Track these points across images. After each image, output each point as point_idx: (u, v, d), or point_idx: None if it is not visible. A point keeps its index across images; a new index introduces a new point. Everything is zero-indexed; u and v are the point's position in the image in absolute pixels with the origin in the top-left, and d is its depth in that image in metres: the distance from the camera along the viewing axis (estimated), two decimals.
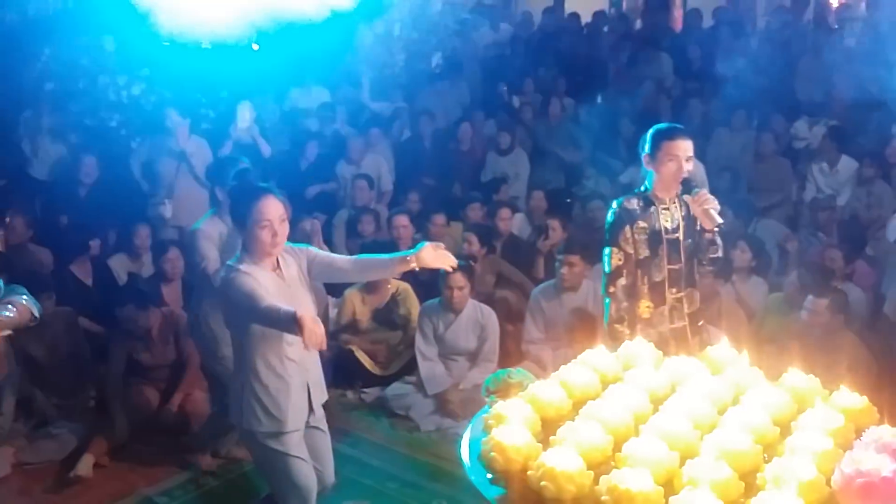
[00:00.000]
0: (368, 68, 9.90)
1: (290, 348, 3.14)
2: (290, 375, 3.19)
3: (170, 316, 5.00)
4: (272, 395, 3.15)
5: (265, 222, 3.06)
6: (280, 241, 3.11)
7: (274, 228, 3.07)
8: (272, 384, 3.15)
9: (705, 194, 3.64)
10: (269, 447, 3.20)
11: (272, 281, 3.10)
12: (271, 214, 3.07)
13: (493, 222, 6.53)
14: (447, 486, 4.23)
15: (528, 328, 5.41)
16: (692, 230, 3.71)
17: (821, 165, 7.04)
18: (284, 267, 3.19)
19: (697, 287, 3.80)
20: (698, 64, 9.20)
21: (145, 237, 5.95)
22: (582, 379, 2.82)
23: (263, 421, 3.16)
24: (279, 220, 3.10)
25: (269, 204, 3.09)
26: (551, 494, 2.19)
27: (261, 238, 3.07)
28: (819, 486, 2.16)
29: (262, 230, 3.06)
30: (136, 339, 4.87)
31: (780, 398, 2.62)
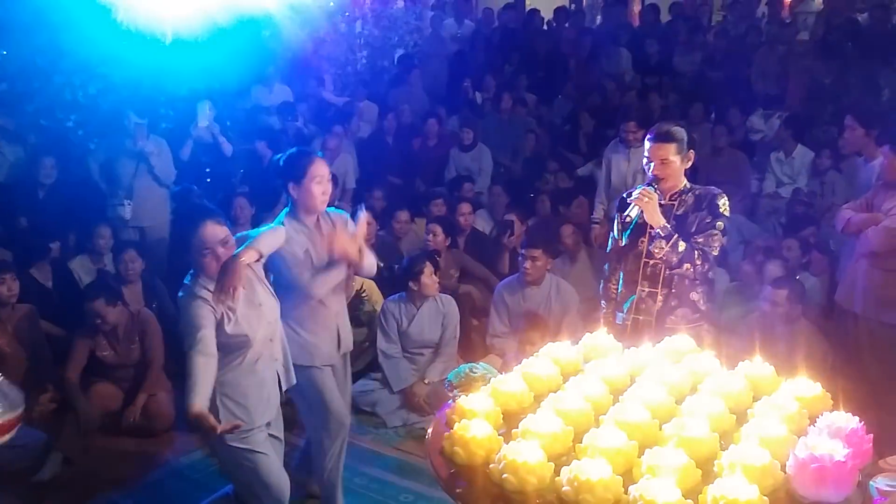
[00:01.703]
0: (330, 65, 9.88)
1: (253, 350, 3.17)
2: (261, 370, 3.21)
3: (136, 315, 4.95)
4: (243, 392, 3.17)
5: (207, 249, 3.08)
6: None
7: (217, 253, 3.08)
8: (242, 381, 3.17)
9: (638, 192, 3.75)
10: (238, 448, 3.20)
11: None
12: (212, 241, 3.08)
13: (455, 218, 6.56)
14: (414, 480, 4.25)
15: (493, 322, 5.45)
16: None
17: (778, 154, 7.17)
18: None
19: (675, 291, 3.78)
20: (656, 58, 9.31)
21: (108, 237, 5.88)
22: (543, 372, 2.85)
23: (236, 415, 3.16)
24: (221, 243, 3.09)
25: (210, 230, 3.09)
26: (513, 487, 2.22)
27: (205, 263, 3.09)
28: (774, 471, 2.21)
29: (206, 257, 3.08)
30: (100, 335, 4.82)
31: (736, 386, 2.67)
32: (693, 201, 3.79)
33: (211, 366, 2.97)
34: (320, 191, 3.50)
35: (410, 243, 6.61)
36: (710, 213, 3.73)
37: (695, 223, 3.75)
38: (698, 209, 3.77)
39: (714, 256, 3.76)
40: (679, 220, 3.76)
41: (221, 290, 2.97)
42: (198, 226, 3.08)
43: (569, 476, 2.18)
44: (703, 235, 3.71)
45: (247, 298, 3.14)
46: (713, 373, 2.80)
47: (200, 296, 3.05)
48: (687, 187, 3.83)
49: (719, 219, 3.72)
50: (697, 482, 2.22)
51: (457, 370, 3.05)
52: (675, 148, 3.75)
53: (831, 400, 2.67)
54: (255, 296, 3.19)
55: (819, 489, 2.14)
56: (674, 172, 3.77)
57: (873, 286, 4.31)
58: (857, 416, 2.40)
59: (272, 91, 8.83)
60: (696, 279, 3.76)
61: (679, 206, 3.79)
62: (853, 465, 2.17)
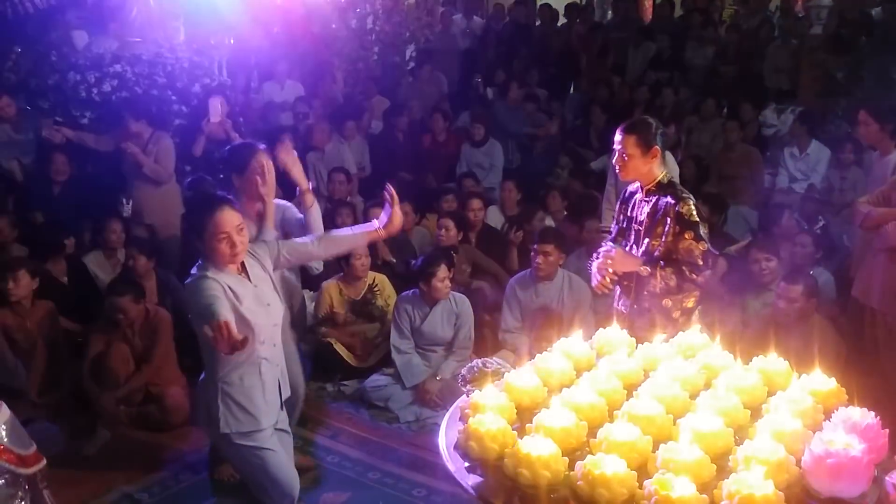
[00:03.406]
0: (342, 62, 9.89)
1: (261, 347, 3.15)
2: (264, 373, 3.20)
3: (153, 313, 4.98)
4: (247, 394, 3.16)
5: (223, 234, 3.05)
6: (240, 251, 3.09)
7: (232, 239, 3.06)
8: (246, 382, 3.16)
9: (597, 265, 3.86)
10: (245, 446, 3.20)
11: (239, 284, 3.10)
12: (228, 226, 3.06)
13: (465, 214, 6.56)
14: (427, 475, 4.26)
15: (505, 317, 5.45)
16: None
17: (792, 150, 7.14)
18: (249, 268, 3.18)
19: (647, 294, 3.79)
20: (668, 53, 9.28)
21: (119, 232, 5.90)
22: (556, 366, 2.86)
23: (240, 420, 3.16)
24: (237, 230, 3.08)
25: (226, 215, 3.07)
26: (527, 481, 2.22)
27: (219, 250, 3.06)
28: (789, 466, 2.21)
29: (220, 242, 3.06)
30: (117, 331, 4.86)
31: (750, 381, 2.67)
32: (653, 204, 3.77)
33: (231, 316, 2.90)
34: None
35: (422, 239, 6.63)
36: (678, 224, 3.67)
37: (663, 235, 3.71)
38: (654, 215, 3.75)
39: (700, 265, 3.67)
40: (650, 217, 3.76)
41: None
42: (214, 210, 3.07)
43: (583, 471, 2.19)
44: (682, 251, 3.68)
45: (256, 295, 3.14)
46: (727, 368, 2.80)
47: (208, 276, 3.04)
48: (661, 185, 3.77)
49: (688, 229, 3.65)
50: (712, 477, 2.22)
51: (470, 365, 3.05)
52: (635, 140, 3.70)
53: (846, 395, 2.66)
54: (264, 295, 3.19)
55: (834, 484, 2.14)
56: (633, 166, 3.74)
57: (892, 281, 4.29)
58: (872, 410, 2.40)
59: (284, 87, 8.87)
60: (669, 290, 3.73)
61: (653, 204, 3.77)
62: (869, 460, 2.17)
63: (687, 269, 3.67)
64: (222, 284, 3.03)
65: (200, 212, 3.13)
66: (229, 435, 3.18)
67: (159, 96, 6.78)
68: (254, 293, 3.13)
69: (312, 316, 5.66)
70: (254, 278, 3.18)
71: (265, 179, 3.66)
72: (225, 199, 3.19)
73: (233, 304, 3.03)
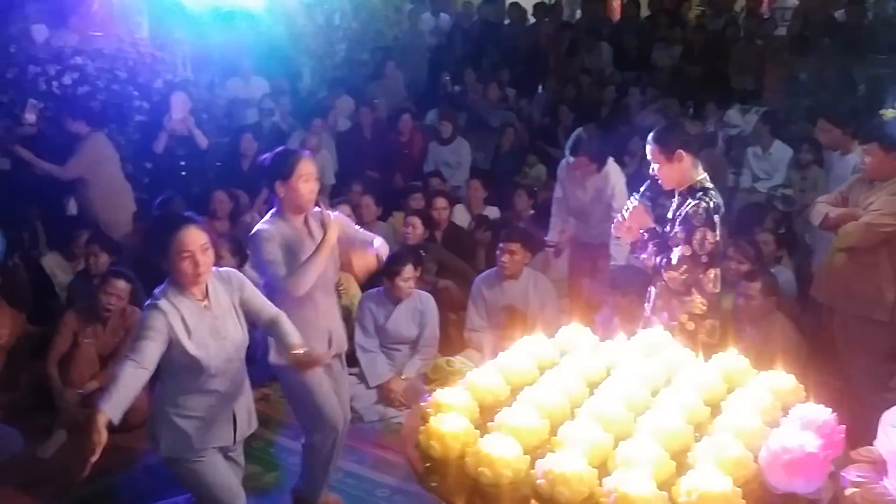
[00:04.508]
0: (309, 58, 9.82)
1: (212, 380, 3.08)
2: (211, 407, 3.14)
3: (130, 312, 4.91)
4: (191, 423, 3.11)
5: (186, 253, 2.99)
6: (203, 272, 3.03)
7: (196, 259, 3.00)
8: (192, 412, 3.11)
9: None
10: (192, 468, 3.17)
11: (194, 312, 3.04)
12: (192, 245, 3.00)
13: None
14: (391, 475, 4.22)
15: (471, 316, 5.43)
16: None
17: (755, 150, 7.21)
18: (213, 295, 3.11)
19: (659, 291, 3.88)
20: (636, 53, 9.33)
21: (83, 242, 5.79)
22: (520, 365, 2.85)
23: (180, 445, 3.12)
24: (201, 249, 3.02)
25: (191, 234, 3.01)
26: (488, 480, 2.21)
27: (182, 269, 3.00)
28: (747, 463, 2.23)
29: (184, 261, 3.00)
30: (90, 321, 4.80)
31: (710, 379, 2.69)
32: (678, 204, 3.82)
33: (138, 378, 2.87)
34: (308, 189, 3.49)
35: (387, 236, 6.59)
36: (682, 222, 3.74)
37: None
38: (677, 214, 3.80)
39: (673, 264, 3.72)
40: (674, 219, 3.81)
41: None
42: (179, 228, 3.01)
43: (544, 469, 2.18)
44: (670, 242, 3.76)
45: (213, 327, 3.07)
46: (688, 365, 2.81)
47: (160, 306, 2.99)
48: (692, 188, 3.79)
49: (683, 226, 3.71)
50: (671, 474, 2.23)
51: (433, 364, 3.04)
52: (658, 149, 3.78)
53: (804, 392, 2.68)
54: (223, 326, 3.11)
55: (791, 480, 2.16)
56: (663, 174, 3.81)
57: (849, 280, 4.33)
58: (829, 407, 2.42)
59: (249, 84, 8.78)
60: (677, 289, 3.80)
61: (678, 205, 3.82)
62: (825, 456, 2.19)
63: (665, 261, 3.74)
64: (170, 317, 2.97)
65: (164, 230, 3.07)
66: (177, 459, 3.15)
67: (120, 91, 6.68)
68: (210, 324, 3.06)
69: None
70: (216, 307, 3.10)
71: (312, 187, 3.52)
72: (190, 218, 3.13)
73: (176, 339, 2.98)
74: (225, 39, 8.38)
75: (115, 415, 2.76)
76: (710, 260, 3.72)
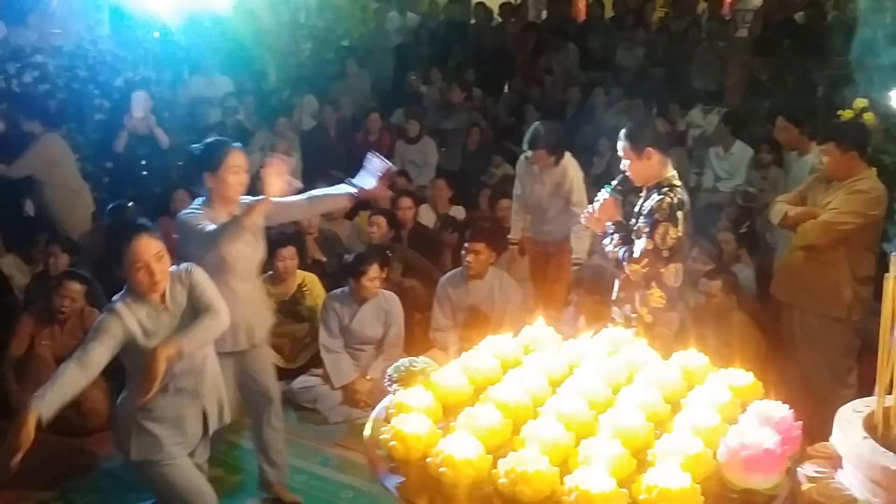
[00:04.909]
0: (273, 56, 9.76)
1: (177, 379, 3.07)
2: (181, 405, 3.12)
3: (88, 313, 4.84)
4: (159, 424, 3.09)
5: (140, 264, 2.97)
6: (160, 280, 3.01)
7: (151, 268, 2.98)
8: (159, 413, 3.08)
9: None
10: (162, 472, 3.13)
11: (152, 316, 3.03)
12: (146, 255, 2.98)
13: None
14: (356, 476, 4.22)
15: (436, 316, 5.44)
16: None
17: (717, 150, 7.30)
18: (171, 298, 3.09)
19: (622, 284, 3.94)
20: (600, 54, 9.40)
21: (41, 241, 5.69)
22: (483, 365, 2.85)
23: (150, 448, 3.09)
24: (155, 258, 3.00)
25: (143, 244, 2.99)
26: (450, 480, 2.20)
27: (138, 279, 2.99)
28: (706, 459, 2.24)
29: (138, 272, 2.98)
30: (47, 323, 4.73)
31: (670, 376, 2.70)
32: (645, 198, 3.87)
33: (78, 379, 2.85)
34: (237, 181, 3.50)
35: (352, 235, 6.57)
36: (647, 216, 3.79)
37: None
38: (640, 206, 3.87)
39: (636, 257, 3.77)
40: (639, 213, 3.86)
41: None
42: (131, 239, 2.99)
43: (505, 468, 2.18)
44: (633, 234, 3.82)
45: (171, 328, 3.05)
46: (649, 363, 2.83)
47: (116, 310, 2.97)
48: (660, 184, 3.82)
49: (646, 219, 3.77)
50: (632, 471, 2.23)
51: (397, 364, 3.03)
52: (627, 146, 3.83)
53: (763, 389, 2.71)
54: (182, 328, 3.08)
55: (749, 476, 2.18)
56: (634, 170, 3.85)
57: (807, 278, 4.41)
58: (787, 403, 2.45)
59: (212, 82, 8.69)
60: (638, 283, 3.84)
61: (645, 200, 3.87)
62: (782, 451, 2.21)
63: (628, 253, 3.79)
64: (127, 321, 2.95)
65: (117, 241, 3.04)
66: (142, 463, 3.12)
67: (80, 90, 6.58)
68: (170, 325, 3.05)
69: None
70: (174, 309, 3.08)
71: (241, 179, 3.55)
72: (142, 227, 3.10)
73: (133, 342, 2.96)
74: (188, 37, 8.30)
75: (46, 413, 2.72)
76: (672, 255, 3.77)
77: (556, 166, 5.33)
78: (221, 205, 3.55)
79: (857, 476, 2.26)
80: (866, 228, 4.25)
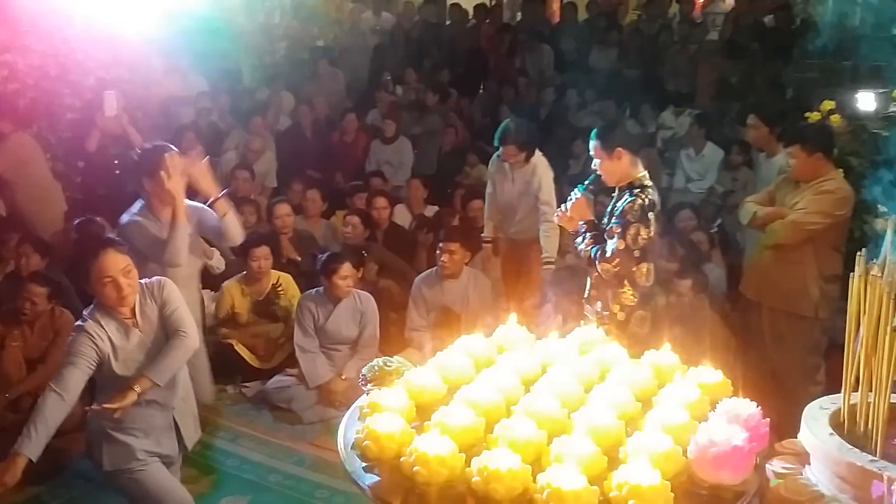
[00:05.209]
0: (248, 56, 9.70)
1: (150, 391, 3.03)
2: (152, 418, 3.11)
3: (57, 313, 4.78)
4: (130, 435, 3.08)
5: (107, 278, 2.95)
6: (128, 294, 3.00)
7: (118, 283, 2.96)
8: (133, 426, 3.07)
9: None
10: (136, 478, 3.13)
11: (122, 332, 3.01)
12: (112, 269, 2.96)
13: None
14: (330, 476, 4.22)
15: (411, 315, 5.45)
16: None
17: (688, 151, 7.38)
18: (141, 313, 3.07)
19: (594, 283, 4.01)
20: (574, 56, 9.46)
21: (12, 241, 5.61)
22: (457, 364, 2.87)
23: (121, 457, 3.09)
24: (123, 272, 2.97)
25: (109, 258, 2.97)
26: (424, 479, 2.22)
27: (105, 294, 2.97)
28: (676, 457, 2.28)
29: (105, 286, 2.96)
30: (17, 324, 4.66)
31: (641, 375, 2.74)
32: (616, 199, 3.92)
33: (61, 410, 2.84)
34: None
35: (327, 234, 6.57)
36: (618, 216, 3.84)
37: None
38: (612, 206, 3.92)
39: (607, 256, 3.82)
40: (611, 213, 3.92)
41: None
42: (97, 254, 2.97)
43: (478, 466, 2.20)
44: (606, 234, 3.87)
45: (141, 343, 3.05)
46: (621, 362, 2.86)
47: (87, 330, 2.95)
48: (631, 184, 3.87)
49: (618, 221, 3.82)
50: (603, 469, 2.26)
51: (371, 364, 3.04)
52: (599, 145, 3.89)
53: (732, 386, 2.75)
54: (151, 343, 3.08)
55: (718, 472, 2.21)
56: (604, 169, 3.90)
57: (776, 277, 4.48)
58: (755, 401, 2.49)
59: (187, 82, 8.62)
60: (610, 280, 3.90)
61: (617, 200, 3.92)
62: (750, 448, 2.25)
63: (600, 253, 3.84)
64: (98, 340, 2.94)
65: (84, 256, 3.02)
66: (113, 472, 3.11)
67: (51, 89, 6.50)
68: (139, 341, 3.04)
69: (212, 317, 5.52)
70: (143, 323, 3.06)
71: (178, 182, 3.63)
72: (109, 242, 3.09)
73: (105, 360, 2.95)
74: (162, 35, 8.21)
75: (35, 453, 2.75)
76: (643, 254, 3.83)
77: (527, 164, 5.36)
78: (160, 208, 3.63)
79: (824, 472, 2.31)
80: (833, 228, 4.33)
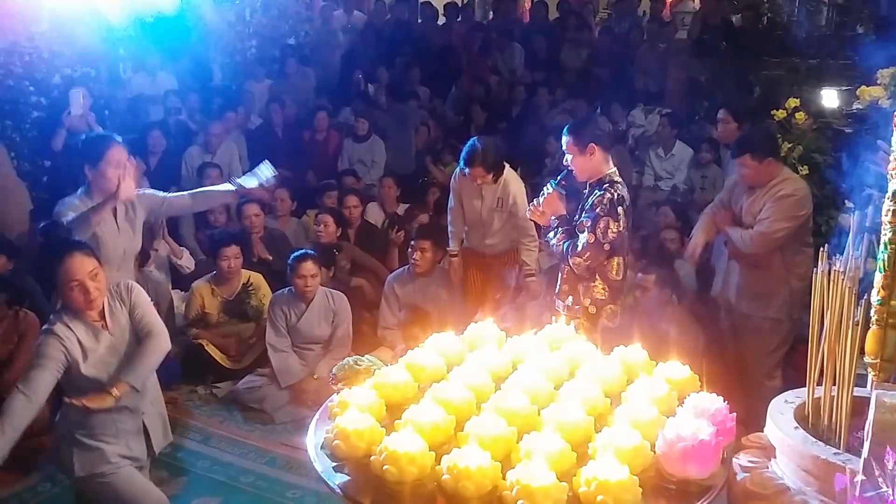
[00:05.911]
0: (218, 54, 9.61)
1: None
2: (121, 422, 3.09)
3: (21, 316, 4.69)
4: (100, 441, 3.06)
5: (74, 282, 2.92)
6: (96, 297, 2.97)
7: (85, 286, 2.93)
8: (100, 429, 3.05)
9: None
10: (108, 482, 3.10)
11: (91, 335, 2.99)
12: (80, 273, 2.93)
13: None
14: (302, 476, 4.20)
15: (384, 314, 5.44)
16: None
17: (657, 151, 7.44)
18: (110, 316, 3.05)
19: (565, 276, 4.05)
20: (545, 54, 9.50)
21: None
22: (427, 362, 2.87)
23: (94, 462, 3.06)
24: (90, 276, 2.95)
25: (76, 262, 2.94)
26: (394, 477, 2.22)
27: (72, 298, 2.94)
28: (644, 452, 2.30)
29: (73, 290, 2.93)
30: None
31: (610, 371, 2.76)
32: (588, 195, 3.96)
33: (28, 411, 2.81)
34: (115, 175, 3.62)
35: (298, 233, 6.54)
36: (587, 210, 3.91)
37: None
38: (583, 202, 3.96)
39: (578, 250, 3.88)
40: (582, 208, 3.97)
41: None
42: (64, 257, 2.93)
43: (448, 464, 2.20)
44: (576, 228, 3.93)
45: (111, 346, 3.02)
46: (590, 358, 2.88)
47: (56, 332, 2.92)
48: (601, 180, 3.93)
49: (587, 213, 3.89)
50: (572, 465, 2.28)
51: (341, 363, 3.03)
52: (571, 140, 3.94)
53: (699, 381, 2.78)
54: (121, 346, 3.06)
55: (686, 466, 2.24)
56: (576, 165, 3.95)
57: (747, 282, 4.51)
58: (722, 396, 2.52)
59: (155, 80, 8.54)
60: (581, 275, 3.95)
61: (587, 196, 3.97)
62: (717, 443, 2.28)
63: (572, 247, 3.90)
64: (67, 343, 2.91)
65: (50, 259, 2.99)
66: (84, 478, 3.08)
67: (15, 87, 6.41)
68: (109, 343, 3.01)
69: (182, 317, 5.48)
70: (112, 325, 3.04)
71: (119, 173, 3.65)
72: (76, 245, 3.05)
73: (74, 362, 2.93)
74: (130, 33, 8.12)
75: (1, 454, 2.71)
76: (612, 248, 3.88)
77: (496, 183, 5.11)
78: (99, 196, 3.65)
79: (789, 465, 2.35)
80: (799, 228, 4.37)
